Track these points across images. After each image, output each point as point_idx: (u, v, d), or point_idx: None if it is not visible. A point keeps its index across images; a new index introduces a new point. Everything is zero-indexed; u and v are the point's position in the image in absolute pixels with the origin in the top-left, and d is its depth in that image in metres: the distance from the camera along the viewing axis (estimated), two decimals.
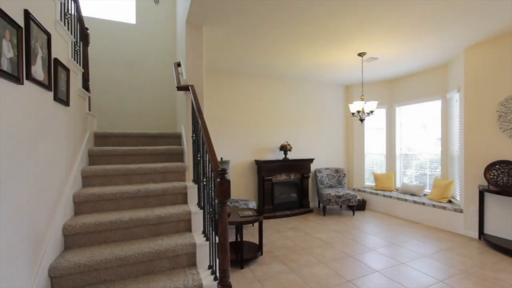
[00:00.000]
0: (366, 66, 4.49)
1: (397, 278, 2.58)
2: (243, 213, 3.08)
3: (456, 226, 3.87)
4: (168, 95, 4.26)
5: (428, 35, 3.22)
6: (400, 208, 4.73)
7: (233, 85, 4.85)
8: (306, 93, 5.54)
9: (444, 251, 3.19)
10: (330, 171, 5.46)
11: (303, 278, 2.59)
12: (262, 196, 4.80)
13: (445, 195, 4.20)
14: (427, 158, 4.85)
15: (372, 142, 5.71)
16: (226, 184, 1.42)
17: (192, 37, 2.76)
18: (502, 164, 3.29)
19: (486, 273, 2.63)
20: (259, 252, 3.04)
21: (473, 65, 3.63)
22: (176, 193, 2.35)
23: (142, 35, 4.11)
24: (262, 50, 3.69)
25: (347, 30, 3.08)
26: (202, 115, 2.06)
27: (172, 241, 1.92)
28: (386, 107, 5.55)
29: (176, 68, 2.86)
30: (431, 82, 4.70)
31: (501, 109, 3.34)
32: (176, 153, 2.85)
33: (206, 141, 1.79)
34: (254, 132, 5.02)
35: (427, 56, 4.02)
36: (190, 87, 2.45)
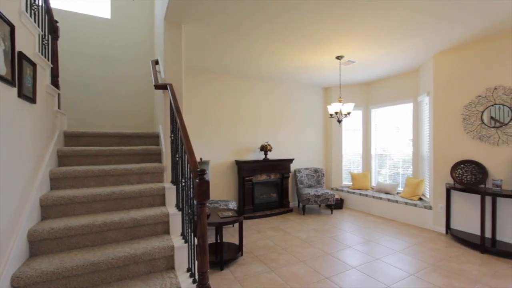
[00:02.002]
0: (343, 69, 4.63)
1: (372, 273, 2.68)
2: (223, 213, 3.06)
3: (426, 222, 4.10)
4: (145, 93, 4.12)
5: (401, 40, 3.39)
6: (375, 206, 4.93)
7: (214, 85, 4.80)
8: (286, 94, 5.60)
9: (415, 246, 3.37)
10: (310, 171, 5.57)
11: (283, 277, 2.61)
12: (242, 197, 4.79)
13: (416, 193, 4.43)
14: (400, 158, 5.09)
15: (350, 143, 5.90)
16: (205, 184, 1.40)
17: (170, 35, 2.70)
18: (466, 164, 3.53)
19: (452, 265, 2.81)
20: (239, 252, 3.02)
21: (441, 70, 3.86)
22: (154, 195, 2.28)
23: (118, 30, 3.95)
24: (243, 50, 3.69)
25: (325, 33, 3.15)
26: (181, 115, 2.02)
27: (149, 244, 1.86)
28: (363, 109, 5.76)
29: (154, 66, 2.78)
30: (404, 86, 4.94)
31: (465, 113, 3.59)
32: (154, 154, 2.77)
33: (185, 141, 1.76)
34: (235, 132, 5.00)
35: (400, 61, 4.23)
36: (169, 86, 2.38)
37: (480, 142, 3.44)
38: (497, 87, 3.28)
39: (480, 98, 3.44)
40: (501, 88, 3.24)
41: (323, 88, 6.11)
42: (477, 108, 3.46)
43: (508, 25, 3.00)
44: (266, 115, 5.35)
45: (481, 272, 2.66)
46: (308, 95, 5.90)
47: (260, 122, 5.28)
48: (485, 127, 3.39)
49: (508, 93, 3.18)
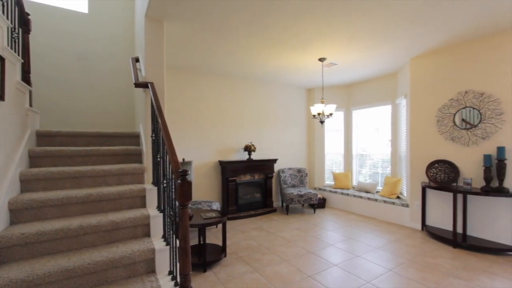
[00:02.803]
0: (326, 71, 4.73)
1: (353, 270, 2.75)
2: (206, 214, 3.02)
3: (403, 219, 4.27)
4: (125, 92, 3.99)
5: (381, 44, 3.51)
6: (356, 205, 5.07)
7: (197, 84, 4.73)
8: (270, 95, 5.64)
9: (393, 243, 3.50)
10: (293, 171, 5.63)
11: (266, 277, 2.62)
12: (226, 197, 4.76)
13: (394, 191, 4.61)
14: (380, 158, 5.27)
15: (332, 143, 6.03)
16: (187, 185, 1.37)
17: (151, 33, 2.63)
18: (440, 163, 3.71)
19: (427, 260, 2.94)
20: (223, 253, 3.00)
21: (418, 74, 4.04)
22: (134, 197, 2.21)
23: (96, 26, 3.79)
24: (226, 50, 3.67)
25: (309, 35, 3.20)
26: (163, 114, 1.97)
27: (128, 248, 1.80)
28: (344, 110, 5.90)
29: (134, 64, 2.69)
30: (383, 88, 5.12)
31: (439, 115, 3.77)
32: (134, 154, 2.68)
33: (167, 141, 1.72)
34: (218, 132, 4.96)
35: (380, 64, 4.38)
36: (150, 85, 2.32)
37: (453, 142, 3.63)
38: (467, 91, 3.48)
39: (452, 101, 3.63)
40: (471, 92, 3.44)
41: (306, 89, 6.20)
42: (450, 110, 3.65)
43: (476, 33, 3.19)
44: (250, 115, 5.35)
45: (453, 265, 2.81)
46: (292, 96, 5.96)
47: (244, 122, 5.27)
48: (457, 129, 3.58)
49: (477, 96, 3.38)
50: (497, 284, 2.44)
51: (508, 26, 3.01)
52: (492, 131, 3.25)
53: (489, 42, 3.29)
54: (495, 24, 2.95)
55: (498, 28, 3.07)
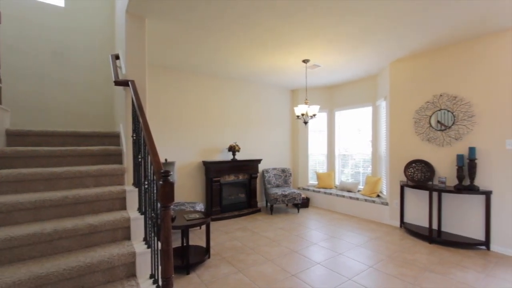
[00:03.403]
0: (310, 72, 4.80)
1: (335, 268, 2.81)
2: (189, 216, 2.97)
3: (383, 217, 4.42)
4: (104, 89, 3.84)
5: (362, 47, 3.61)
6: (339, 204, 5.18)
7: (181, 83, 4.65)
8: (255, 95, 5.64)
9: (374, 240, 3.61)
10: (277, 171, 5.67)
11: (250, 277, 2.61)
12: (210, 198, 4.70)
13: (375, 190, 4.75)
14: (361, 158, 5.42)
15: (315, 143, 6.13)
16: (169, 186, 1.34)
17: (132, 29, 2.55)
18: (417, 163, 3.88)
19: (405, 256, 3.06)
20: (207, 255, 2.96)
21: (396, 77, 4.20)
22: (113, 199, 2.13)
23: (73, 20, 3.63)
24: (210, 49, 3.63)
25: (293, 36, 3.23)
26: (144, 113, 1.91)
27: (107, 252, 1.73)
28: (327, 111, 6.02)
29: (114, 61, 2.60)
30: (365, 90, 5.28)
31: (416, 117, 3.94)
32: (114, 154, 2.59)
33: (148, 141, 1.67)
34: (202, 132, 4.90)
35: (361, 67, 4.50)
36: (130, 83, 2.25)
37: (429, 143, 3.80)
38: (442, 94, 3.66)
39: (428, 104, 3.80)
40: (445, 95, 3.62)
41: (290, 90, 6.26)
42: (426, 112, 3.82)
43: (451, 40, 3.36)
44: (234, 115, 5.33)
45: (429, 260, 2.94)
46: (276, 97, 6.00)
47: (228, 122, 5.24)
48: (432, 130, 3.76)
49: (451, 99, 3.56)
50: (468, 276, 2.58)
51: (479, 34, 3.19)
52: (464, 132, 3.44)
53: (461, 48, 3.47)
54: (468, 31, 3.12)
55: (471, 35, 3.25)
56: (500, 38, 3.15)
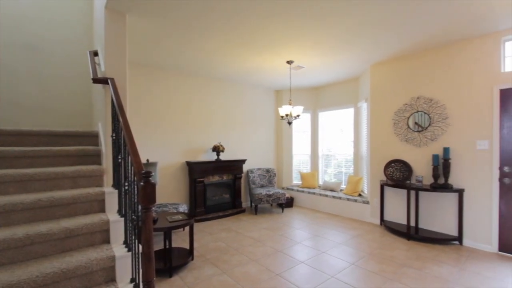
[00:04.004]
0: (294, 73, 4.85)
1: (319, 266, 2.86)
2: (172, 217, 2.91)
3: (364, 216, 4.55)
4: (82, 87, 3.68)
5: (344, 50, 3.69)
6: (322, 203, 5.27)
7: (164, 82, 4.55)
8: (239, 95, 5.63)
9: (356, 238, 3.70)
10: (262, 171, 5.69)
11: (235, 278, 2.60)
12: (193, 199, 4.64)
13: (356, 189, 4.88)
14: (343, 158, 5.55)
15: (299, 144, 6.21)
16: (150, 187, 1.30)
17: (112, 25, 2.46)
18: (396, 163, 4.02)
19: (385, 253, 3.17)
20: (190, 257, 2.92)
21: (377, 80, 4.34)
22: (91, 201, 2.04)
23: (48, 12, 3.45)
24: (194, 48, 3.58)
25: (277, 37, 3.26)
26: (124, 113, 1.85)
27: (84, 256, 1.66)
28: (311, 112, 6.12)
29: (93, 58, 2.49)
30: (347, 91, 5.41)
31: (395, 118, 4.09)
32: (92, 155, 2.49)
33: (128, 141, 1.62)
34: (186, 132, 4.82)
35: (343, 69, 4.61)
36: (110, 81, 2.17)
37: (407, 144, 3.96)
38: (419, 96, 3.82)
39: (406, 106, 3.95)
40: (422, 97, 3.79)
41: (275, 91, 6.30)
42: (404, 114, 3.98)
43: (427, 45, 3.52)
44: (218, 115, 5.29)
45: (407, 256, 3.06)
46: (261, 97, 6.02)
47: (212, 122, 5.19)
48: (410, 131, 3.91)
49: (427, 102, 3.73)
50: (443, 270, 2.70)
51: (452, 41, 3.36)
52: (439, 133, 3.61)
53: (436, 53, 3.65)
54: (442, 38, 3.28)
55: (445, 42, 3.42)
56: (470, 45, 3.34)
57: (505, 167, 3.09)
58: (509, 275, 2.60)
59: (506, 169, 3.08)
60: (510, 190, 3.06)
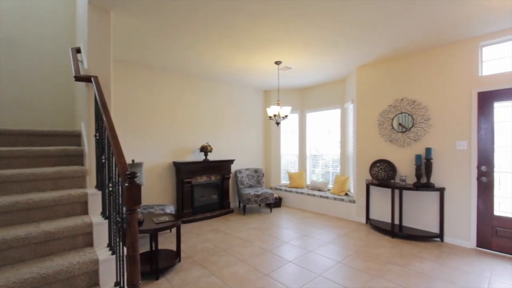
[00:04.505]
0: (282, 74, 4.88)
1: (307, 265, 2.88)
2: (158, 219, 2.86)
3: (351, 215, 4.63)
4: (64, 84, 3.55)
5: (331, 52, 3.75)
6: (310, 202, 5.33)
7: (151, 81, 4.46)
8: (228, 95, 5.60)
9: (342, 237, 3.76)
10: (250, 171, 5.68)
11: (223, 279, 2.58)
12: (181, 200, 4.57)
13: (343, 189, 4.97)
14: (331, 158, 5.64)
15: (287, 144, 6.25)
16: (136, 188, 1.27)
17: (96, 22, 2.39)
18: (381, 162, 4.12)
19: (371, 251, 3.24)
20: (177, 259, 2.87)
21: (363, 81, 4.43)
22: (73, 203, 1.98)
23: (27, 6, 3.31)
24: (182, 47, 3.53)
25: (265, 38, 3.26)
26: (108, 112, 1.80)
27: (65, 260, 1.60)
28: (299, 113, 6.17)
29: (75, 55, 2.41)
30: (334, 93, 5.49)
31: (380, 119, 4.19)
32: (74, 155, 2.41)
33: (113, 141, 1.57)
34: (173, 132, 4.75)
35: (331, 71, 4.68)
36: (93, 79, 2.11)
37: (391, 144, 4.07)
38: (403, 98, 3.93)
39: (391, 107, 4.06)
40: (406, 99, 3.90)
41: (263, 91, 6.32)
42: (389, 115, 4.08)
43: (410, 49, 3.63)
44: (207, 115, 5.24)
45: (391, 254, 3.14)
46: (249, 97, 6.02)
47: (200, 123, 5.14)
48: (394, 132, 4.02)
49: (411, 103, 3.85)
50: (425, 266, 2.80)
51: (433, 45, 3.48)
52: (422, 134, 3.73)
53: (419, 57, 3.77)
54: (425, 42, 3.39)
55: (428, 46, 3.54)
56: (450, 49, 3.47)
57: (482, 166, 3.23)
58: (486, 270, 2.72)
59: (483, 169, 3.22)
60: (487, 189, 3.21)
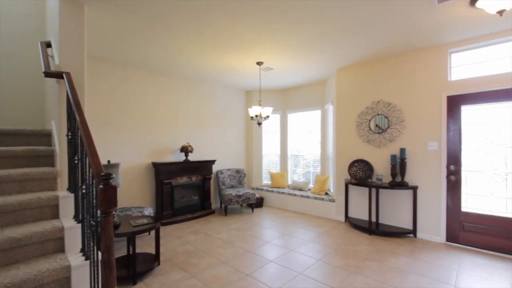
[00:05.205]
0: (263, 75, 4.90)
1: (288, 264, 2.91)
2: (136, 221, 2.76)
3: (330, 213, 4.74)
4: (33, 81, 3.33)
5: (311, 54, 3.82)
6: (291, 202, 5.39)
7: (129, 79, 4.30)
8: (209, 95, 5.54)
9: (322, 235, 3.84)
10: (232, 171, 5.65)
11: (204, 281, 2.54)
12: (160, 201, 4.45)
13: (323, 188, 5.08)
14: (311, 158, 5.74)
15: (269, 144, 6.29)
16: (111, 190, 1.22)
17: (68, 16, 2.26)
18: (359, 162, 4.26)
19: (349, 248, 3.33)
20: (156, 262, 2.79)
21: (342, 84, 4.56)
22: (42, 206, 1.86)
23: None
24: (161, 45, 3.44)
25: (247, 38, 3.26)
26: (82, 110, 1.71)
27: (34, 268, 1.50)
28: (280, 113, 6.23)
29: (45, 49, 2.27)
30: (315, 94, 5.60)
31: (358, 120, 4.33)
32: (44, 156, 2.26)
33: (86, 141, 1.50)
34: (152, 132, 4.61)
35: (311, 72, 4.77)
36: (65, 75, 1.99)
37: (368, 144, 4.22)
38: (379, 100, 4.09)
39: (368, 109, 4.21)
40: (382, 102, 4.06)
41: (245, 91, 6.31)
42: (366, 117, 4.23)
43: (386, 53, 3.78)
44: (187, 115, 5.15)
45: (369, 250, 3.25)
46: (231, 97, 5.99)
47: (181, 122, 5.04)
48: (371, 133, 4.17)
49: (386, 106, 4.01)
50: (400, 261, 2.92)
51: (407, 50, 3.65)
52: (397, 135, 3.90)
53: (394, 61, 3.94)
54: (398, 47, 3.55)
55: (401, 51, 3.70)
56: (421, 55, 3.66)
57: (451, 165, 3.44)
58: (455, 262, 2.90)
59: (452, 168, 3.43)
60: (455, 187, 3.41)
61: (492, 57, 3.23)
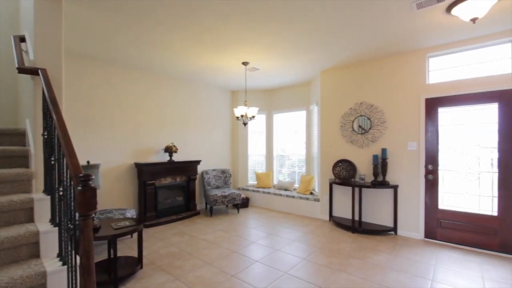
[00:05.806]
0: (249, 75, 4.90)
1: (273, 264, 2.92)
2: (117, 224, 2.67)
3: (315, 213, 4.81)
4: (5, 77, 3.15)
5: (297, 55, 3.86)
6: (277, 202, 5.42)
7: (111, 77, 4.16)
8: (194, 94, 5.47)
9: (307, 234, 3.89)
10: (217, 172, 5.61)
11: (188, 283, 2.50)
12: (143, 203, 4.34)
13: (308, 188, 5.14)
14: (297, 158, 5.80)
15: (255, 144, 6.29)
16: (90, 192, 1.17)
17: (44, 10, 2.15)
18: (343, 162, 4.35)
19: (333, 246, 3.40)
20: (139, 265, 2.72)
21: (326, 85, 4.64)
22: (16, 210, 1.76)
23: None
24: (145, 43, 3.36)
25: (232, 38, 3.25)
26: (59, 109, 1.63)
27: (5, 275, 1.42)
28: (266, 113, 6.25)
29: (18, 44, 2.14)
30: (300, 95, 5.67)
31: (342, 121, 4.43)
32: (17, 156, 2.14)
33: (64, 141, 1.43)
34: (135, 132, 4.49)
35: (296, 73, 4.82)
36: (41, 71, 1.90)
37: (352, 145, 4.32)
38: (362, 102, 4.20)
39: (351, 110, 4.31)
40: (365, 103, 4.17)
41: (231, 91, 6.28)
42: (350, 118, 4.33)
43: (368, 56, 3.89)
44: (172, 114, 5.05)
45: (352, 248, 3.33)
46: (216, 97, 5.94)
47: (165, 122, 4.94)
48: (354, 133, 4.28)
49: (369, 107, 4.12)
50: (381, 258, 3.01)
51: (387, 53, 3.78)
52: (378, 135, 4.02)
53: (376, 64, 4.06)
54: (379, 51, 3.66)
55: (382, 54, 3.82)
56: (401, 59, 3.80)
57: (429, 165, 3.58)
58: (432, 258, 3.02)
59: (429, 167, 3.58)
60: (432, 185, 3.56)
61: (467, 62, 3.40)
